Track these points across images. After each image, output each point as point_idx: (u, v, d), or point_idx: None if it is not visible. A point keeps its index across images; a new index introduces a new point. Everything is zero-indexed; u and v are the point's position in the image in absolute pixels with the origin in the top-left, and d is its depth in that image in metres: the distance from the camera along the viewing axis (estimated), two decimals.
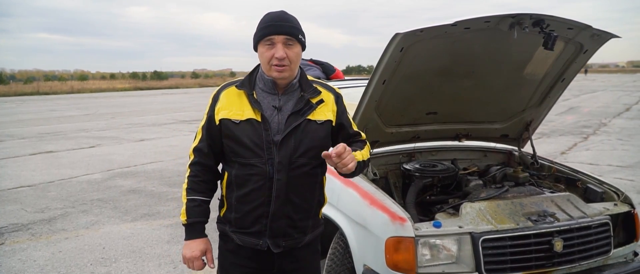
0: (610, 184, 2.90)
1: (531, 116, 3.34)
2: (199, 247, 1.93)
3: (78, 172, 7.84)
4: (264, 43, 1.80)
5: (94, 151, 10.03)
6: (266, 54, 1.80)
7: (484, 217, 2.38)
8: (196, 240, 1.93)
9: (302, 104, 1.85)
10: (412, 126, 3.19)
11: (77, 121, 16.26)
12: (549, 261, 2.35)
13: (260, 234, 1.88)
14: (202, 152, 1.91)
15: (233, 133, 1.83)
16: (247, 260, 1.94)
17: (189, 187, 1.92)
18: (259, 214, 1.86)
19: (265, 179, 1.82)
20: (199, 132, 1.92)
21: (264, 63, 1.82)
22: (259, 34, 1.82)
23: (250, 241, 1.89)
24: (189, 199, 1.91)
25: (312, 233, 1.99)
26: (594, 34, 2.68)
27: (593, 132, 11.68)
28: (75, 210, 5.70)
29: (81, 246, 4.50)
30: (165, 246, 4.48)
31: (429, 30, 2.37)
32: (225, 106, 1.86)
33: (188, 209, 1.90)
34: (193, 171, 1.92)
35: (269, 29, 1.79)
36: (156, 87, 47.40)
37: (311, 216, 1.96)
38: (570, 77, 3.04)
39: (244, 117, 1.82)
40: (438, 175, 3.02)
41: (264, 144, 1.81)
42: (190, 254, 1.93)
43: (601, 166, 7.66)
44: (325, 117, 1.90)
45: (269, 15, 1.84)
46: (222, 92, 1.90)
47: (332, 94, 1.96)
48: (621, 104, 20.08)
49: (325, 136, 1.90)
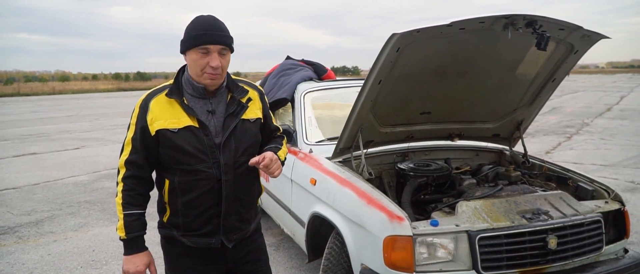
0: (600, 182, 2.95)
1: (522, 116, 3.38)
2: (143, 260, 1.90)
3: (63, 174, 7.74)
4: (198, 50, 1.79)
5: (78, 152, 9.90)
6: (200, 61, 1.79)
7: (480, 215, 2.41)
8: (138, 254, 1.90)
9: (235, 105, 1.91)
10: (406, 126, 3.22)
11: (60, 122, 16.03)
12: (543, 259, 2.39)
13: (213, 233, 1.94)
14: (136, 165, 1.86)
15: (173, 142, 1.82)
16: (200, 259, 1.99)
17: (125, 202, 1.85)
18: (209, 216, 1.91)
19: (213, 182, 1.86)
20: (127, 144, 1.87)
21: (196, 70, 1.82)
22: (192, 41, 1.79)
23: (202, 242, 1.94)
24: (126, 213, 1.85)
25: (255, 221, 2.12)
26: (584, 34, 2.73)
27: (576, 132, 11.86)
28: (62, 212, 5.63)
29: (70, 249, 4.45)
30: (157, 247, 4.39)
31: (425, 30, 2.40)
32: (158, 116, 1.82)
33: (127, 224, 1.85)
34: (127, 184, 1.86)
35: (205, 38, 1.78)
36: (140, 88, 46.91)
37: (253, 208, 2.10)
38: (560, 77, 3.09)
39: (181, 125, 1.82)
40: (432, 174, 3.04)
41: (207, 149, 1.84)
42: (135, 269, 1.88)
43: (585, 165, 7.79)
44: (255, 115, 1.99)
45: (201, 22, 1.82)
46: (151, 102, 1.85)
47: (257, 91, 2.06)
48: (602, 104, 20.41)
49: (257, 132, 2.01)
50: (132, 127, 1.86)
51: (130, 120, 1.88)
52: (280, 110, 4.21)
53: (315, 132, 3.63)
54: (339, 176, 2.83)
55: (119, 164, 1.88)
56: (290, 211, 3.49)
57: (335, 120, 3.81)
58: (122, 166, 1.87)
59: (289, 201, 3.52)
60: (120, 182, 1.87)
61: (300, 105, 3.79)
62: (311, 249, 3.17)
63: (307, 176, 3.12)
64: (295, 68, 4.34)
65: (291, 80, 4.11)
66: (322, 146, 3.38)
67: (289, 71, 4.28)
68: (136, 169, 1.87)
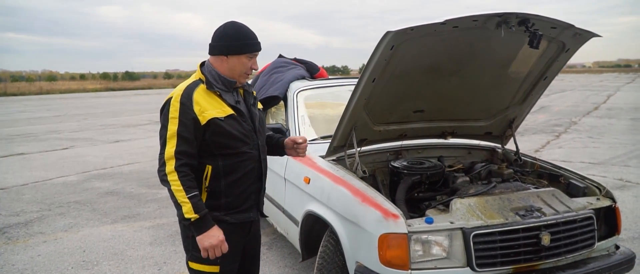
0: (591, 180, 2.98)
1: (514, 114, 3.41)
2: (218, 232, 2.03)
3: (52, 175, 7.66)
4: (248, 56, 2.10)
5: (67, 152, 9.81)
6: (247, 64, 2.10)
7: (474, 212, 2.42)
8: (213, 228, 2.03)
9: (252, 98, 2.26)
10: (400, 124, 3.22)
11: (48, 122, 15.87)
12: (536, 255, 2.41)
13: (251, 208, 2.23)
14: (187, 154, 1.99)
15: (224, 129, 2.03)
16: (238, 236, 2.21)
17: (186, 186, 1.96)
18: (250, 192, 2.20)
19: (255, 161, 2.18)
20: (172, 137, 1.97)
21: (239, 70, 2.10)
22: (244, 48, 2.08)
23: (244, 217, 2.20)
24: (191, 195, 1.96)
25: None
26: (576, 33, 2.75)
27: (564, 131, 11.97)
28: (52, 213, 5.57)
29: (60, 250, 4.40)
30: (148, 247, 4.42)
31: (419, 28, 2.40)
32: (206, 107, 2.02)
33: (195, 205, 1.96)
34: (182, 171, 1.97)
35: (255, 47, 2.11)
36: (128, 87, 46.63)
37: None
38: (552, 75, 3.12)
39: (225, 113, 2.05)
40: (426, 172, 3.05)
41: (249, 133, 2.14)
42: (216, 240, 2.01)
43: (574, 163, 7.86)
44: (260, 105, 2.37)
45: (243, 30, 2.09)
46: (194, 94, 2.02)
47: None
48: (590, 103, 20.63)
49: None
50: (174, 120, 1.98)
51: (168, 115, 1.99)
52: (273, 109, 4.20)
53: (309, 130, 3.63)
54: (333, 175, 2.83)
55: (167, 156, 1.96)
56: (284, 210, 3.48)
57: (328, 119, 3.81)
58: (171, 157, 1.96)
59: (282, 199, 3.51)
60: (173, 172, 1.95)
61: (293, 103, 3.79)
62: (305, 248, 3.17)
63: (301, 175, 3.12)
64: (287, 66, 4.33)
65: (283, 78, 4.10)
66: (315, 144, 3.37)
67: (281, 68, 4.27)
68: (188, 157, 1.99)
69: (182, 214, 1.96)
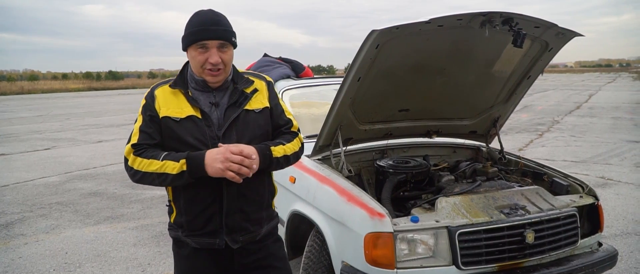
0: (574, 178, 3.01)
1: (499, 113, 3.43)
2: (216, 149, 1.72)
3: (34, 175, 7.54)
4: (196, 47, 1.77)
5: (49, 153, 9.67)
6: (199, 58, 1.77)
7: (459, 211, 2.43)
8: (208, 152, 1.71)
9: (237, 96, 1.85)
10: (385, 123, 3.22)
11: (29, 122, 15.63)
12: (521, 253, 2.42)
13: (216, 232, 1.85)
14: (144, 144, 1.79)
15: (175, 132, 1.79)
16: (206, 262, 1.90)
17: (150, 157, 1.74)
18: (211, 213, 1.83)
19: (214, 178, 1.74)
20: (135, 134, 1.81)
21: (197, 66, 1.80)
22: (190, 38, 1.78)
23: (206, 242, 1.86)
24: (163, 156, 1.73)
25: (268, 224, 1.99)
26: (559, 32, 2.78)
27: (547, 130, 12.11)
28: (33, 214, 5.48)
29: (42, 252, 4.33)
30: (132, 249, 4.37)
31: (405, 27, 2.40)
32: (163, 104, 1.81)
33: (173, 158, 1.72)
34: (140, 150, 1.77)
35: (202, 34, 1.75)
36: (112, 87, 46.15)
37: (264, 208, 1.96)
38: (535, 74, 3.14)
39: (184, 114, 1.79)
40: (411, 171, 3.05)
41: (208, 140, 1.78)
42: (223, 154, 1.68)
43: (557, 162, 7.95)
44: (262, 104, 1.90)
45: (199, 17, 1.79)
46: (156, 91, 1.85)
47: (264, 81, 1.98)
48: (572, 102, 20.91)
49: (265, 123, 1.91)
50: (139, 117, 1.84)
51: (137, 113, 1.86)
52: None
53: None
54: (319, 174, 2.82)
55: (126, 151, 1.79)
56: None
57: (313, 118, 3.79)
58: (129, 149, 1.78)
59: None
60: (132, 156, 1.76)
61: None
62: (290, 248, 3.15)
63: (286, 174, 3.10)
64: (272, 65, 4.31)
65: None
66: None
67: (267, 67, 4.25)
68: (147, 142, 1.79)
69: (174, 177, 1.71)
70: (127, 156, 1.79)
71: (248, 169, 1.70)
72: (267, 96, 1.95)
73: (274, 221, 2.06)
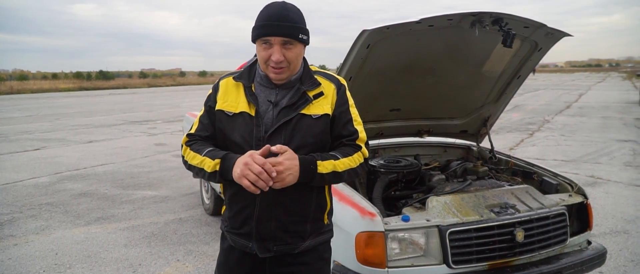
0: (563, 177, 3.04)
1: (489, 112, 3.45)
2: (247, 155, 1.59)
3: (23, 176, 7.47)
4: (261, 42, 1.67)
5: (39, 153, 9.58)
6: (263, 53, 1.67)
7: (450, 210, 2.44)
8: (239, 159, 1.60)
9: (297, 98, 1.71)
10: (376, 123, 3.24)
11: (18, 122, 15.48)
12: (511, 251, 2.45)
13: (249, 236, 1.76)
14: (198, 135, 1.78)
15: (225, 126, 1.73)
16: (239, 261, 1.83)
17: (196, 150, 1.72)
18: (246, 215, 1.75)
19: None
20: (196, 123, 1.82)
21: (261, 61, 1.71)
22: (255, 32, 1.68)
23: (240, 243, 1.79)
24: (206, 152, 1.68)
25: (313, 239, 1.82)
26: (548, 32, 2.80)
27: (538, 129, 12.18)
28: (23, 215, 5.43)
29: (32, 253, 4.30)
30: (123, 249, 4.34)
31: (395, 27, 2.42)
32: (222, 96, 1.76)
33: (211, 156, 1.67)
34: (192, 141, 1.77)
35: (265, 29, 1.65)
36: (103, 87, 45.82)
37: (309, 221, 1.79)
38: (525, 74, 3.17)
39: (237, 110, 1.72)
40: (402, 170, 3.07)
41: (253, 141, 1.68)
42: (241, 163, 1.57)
43: (547, 161, 8.01)
44: (322, 110, 1.72)
45: (267, 11, 1.67)
46: (221, 82, 1.81)
47: (334, 84, 1.79)
48: (562, 102, 21.05)
49: (321, 131, 1.73)
50: (203, 107, 1.83)
51: None
52: None
53: None
54: None
55: (183, 139, 1.80)
56: None
57: None
58: (185, 139, 1.79)
59: None
60: (185, 146, 1.77)
61: None
62: None
63: None
64: None
65: None
66: None
67: None
68: (201, 134, 1.79)
69: (209, 175, 1.65)
70: (182, 144, 1.80)
71: (265, 183, 1.55)
72: (332, 102, 1.76)
73: (322, 236, 1.86)
